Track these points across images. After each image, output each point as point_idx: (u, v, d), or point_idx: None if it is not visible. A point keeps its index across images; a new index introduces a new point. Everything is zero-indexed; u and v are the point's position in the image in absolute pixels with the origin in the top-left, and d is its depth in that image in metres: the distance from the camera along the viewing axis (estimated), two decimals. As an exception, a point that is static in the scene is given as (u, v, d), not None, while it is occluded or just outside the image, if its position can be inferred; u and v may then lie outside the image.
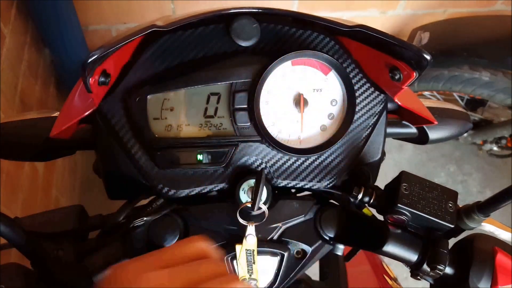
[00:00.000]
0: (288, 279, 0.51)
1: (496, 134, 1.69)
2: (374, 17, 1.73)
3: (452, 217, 0.44)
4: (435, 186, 0.46)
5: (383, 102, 0.53)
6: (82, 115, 0.49)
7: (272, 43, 0.51)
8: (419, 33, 1.50)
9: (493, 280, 0.42)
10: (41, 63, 1.49)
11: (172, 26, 0.43)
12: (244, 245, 0.48)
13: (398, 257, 0.46)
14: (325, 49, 0.52)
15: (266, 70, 0.49)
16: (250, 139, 0.51)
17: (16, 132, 0.54)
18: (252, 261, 0.48)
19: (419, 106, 0.57)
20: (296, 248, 0.52)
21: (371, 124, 0.53)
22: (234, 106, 0.49)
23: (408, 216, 0.45)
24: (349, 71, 0.52)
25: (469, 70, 1.39)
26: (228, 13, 0.45)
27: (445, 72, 1.42)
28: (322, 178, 0.53)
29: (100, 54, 0.39)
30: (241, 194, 0.50)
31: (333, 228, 0.52)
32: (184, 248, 0.31)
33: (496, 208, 0.42)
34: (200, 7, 0.48)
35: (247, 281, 0.49)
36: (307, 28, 0.51)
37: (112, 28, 1.61)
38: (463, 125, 0.61)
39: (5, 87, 1.17)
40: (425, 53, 0.42)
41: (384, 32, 0.43)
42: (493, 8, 1.78)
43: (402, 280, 1.54)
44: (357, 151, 0.53)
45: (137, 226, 0.50)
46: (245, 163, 0.52)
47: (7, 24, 1.21)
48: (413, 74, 0.44)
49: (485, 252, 0.44)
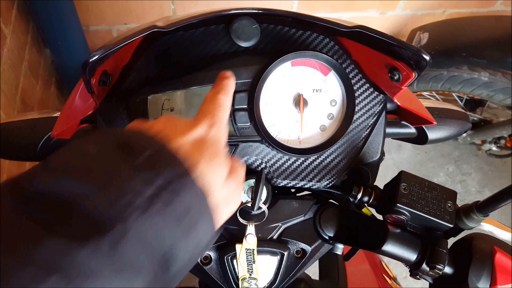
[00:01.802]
0: (288, 278, 0.52)
1: (495, 134, 1.69)
2: (374, 17, 1.74)
3: (451, 217, 0.44)
4: (434, 186, 0.46)
5: (383, 102, 0.54)
6: (83, 115, 0.50)
7: (272, 43, 0.51)
8: (418, 34, 1.50)
9: (492, 279, 0.42)
10: (42, 63, 1.50)
11: (173, 27, 0.43)
12: (244, 244, 0.48)
13: (398, 256, 0.46)
14: (324, 49, 0.52)
15: (266, 71, 0.49)
16: (250, 139, 0.51)
17: (17, 132, 0.54)
18: (252, 261, 0.49)
19: (418, 107, 0.57)
20: (296, 248, 0.52)
21: (371, 124, 0.54)
22: (234, 107, 0.50)
23: (407, 215, 0.45)
24: (348, 72, 0.52)
25: (468, 71, 1.39)
26: (228, 14, 0.45)
27: (444, 72, 1.42)
28: (322, 178, 0.53)
29: (100, 54, 0.39)
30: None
31: (332, 228, 0.52)
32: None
33: (495, 208, 0.42)
34: (201, 8, 0.48)
35: (247, 280, 0.49)
36: (306, 28, 0.51)
37: (113, 28, 1.61)
38: (462, 125, 0.62)
39: (6, 87, 1.17)
40: (424, 54, 0.42)
41: (384, 32, 0.43)
42: (493, 8, 1.78)
43: (402, 280, 1.55)
44: (356, 151, 0.54)
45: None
46: (245, 163, 0.52)
47: (8, 24, 1.21)
48: (412, 75, 0.45)
49: (484, 251, 0.44)
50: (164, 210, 0.26)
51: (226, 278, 0.51)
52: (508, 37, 1.35)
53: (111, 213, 0.24)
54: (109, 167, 0.26)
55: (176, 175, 0.28)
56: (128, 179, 0.26)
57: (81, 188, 0.25)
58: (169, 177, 0.27)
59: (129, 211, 0.25)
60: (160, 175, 0.27)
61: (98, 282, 0.23)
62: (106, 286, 0.23)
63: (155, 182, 0.26)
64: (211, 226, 0.31)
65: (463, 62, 1.39)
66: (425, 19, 1.73)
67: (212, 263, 0.51)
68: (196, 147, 0.32)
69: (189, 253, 0.29)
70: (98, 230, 0.23)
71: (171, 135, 0.31)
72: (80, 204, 0.24)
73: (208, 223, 0.30)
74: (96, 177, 0.26)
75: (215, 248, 0.51)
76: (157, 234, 0.26)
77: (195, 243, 0.29)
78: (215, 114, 0.35)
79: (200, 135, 0.33)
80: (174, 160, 0.29)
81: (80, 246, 0.22)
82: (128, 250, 0.24)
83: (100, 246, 0.23)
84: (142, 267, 0.25)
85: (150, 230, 0.26)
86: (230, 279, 0.50)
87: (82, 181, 0.25)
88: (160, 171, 0.27)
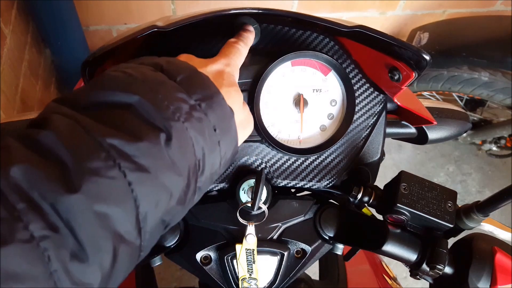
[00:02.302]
0: (288, 278, 0.52)
1: (495, 134, 1.69)
2: (374, 17, 1.74)
3: (451, 217, 0.44)
4: (435, 186, 0.46)
5: (383, 102, 0.54)
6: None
7: (272, 43, 0.51)
8: (418, 34, 1.50)
9: (492, 279, 0.42)
10: (42, 63, 1.49)
11: (173, 27, 0.43)
12: (244, 244, 0.48)
13: (398, 256, 0.46)
14: (324, 49, 0.52)
15: (266, 71, 0.49)
16: (250, 139, 0.51)
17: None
18: (252, 261, 0.49)
19: (418, 106, 0.57)
20: (296, 248, 0.52)
21: (371, 124, 0.54)
22: (234, 106, 0.50)
23: (408, 215, 0.45)
24: (348, 72, 0.52)
25: (468, 70, 1.39)
26: (229, 13, 0.45)
27: (445, 72, 1.42)
28: (322, 178, 0.53)
29: (99, 53, 0.39)
30: (241, 194, 0.50)
31: (332, 228, 0.52)
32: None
33: (495, 208, 0.42)
34: (201, 8, 0.48)
35: (247, 280, 0.49)
36: (306, 28, 0.51)
37: (113, 28, 1.61)
38: (462, 125, 0.62)
39: (5, 87, 1.17)
40: (425, 54, 0.42)
41: (384, 32, 0.43)
42: (493, 8, 1.78)
43: (402, 280, 1.54)
44: (356, 151, 0.53)
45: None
46: (245, 163, 0.52)
47: (8, 24, 1.21)
48: (413, 75, 0.45)
49: (484, 251, 0.44)
50: (200, 121, 0.30)
51: (226, 278, 0.51)
52: (508, 37, 1.34)
53: (163, 116, 0.28)
54: (156, 82, 0.30)
55: (209, 93, 0.32)
56: (174, 91, 0.30)
57: (134, 98, 0.28)
58: (203, 94, 0.32)
59: (177, 116, 0.29)
60: (196, 92, 0.31)
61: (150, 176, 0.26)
62: (154, 179, 0.26)
63: (194, 96, 0.31)
64: (234, 142, 0.35)
65: (463, 62, 1.39)
66: (425, 19, 1.73)
67: (212, 263, 0.51)
68: (217, 76, 0.36)
69: (213, 167, 0.33)
70: (153, 130, 0.27)
71: (196, 65, 0.35)
72: (136, 109, 0.27)
73: (232, 139, 0.34)
74: (146, 89, 0.29)
75: (215, 248, 0.51)
76: (196, 142, 0.30)
77: (219, 158, 0.33)
78: (231, 57, 0.40)
79: (218, 68, 0.38)
80: (206, 82, 0.33)
81: (139, 141, 0.26)
82: (174, 151, 0.28)
83: (155, 144, 0.27)
84: (183, 170, 0.29)
85: (190, 138, 0.29)
86: (230, 279, 0.50)
87: (133, 92, 0.28)
88: (196, 89, 0.31)
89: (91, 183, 0.23)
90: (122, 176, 0.25)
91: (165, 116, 0.28)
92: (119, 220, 0.25)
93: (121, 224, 0.25)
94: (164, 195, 0.27)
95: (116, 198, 0.24)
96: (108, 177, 0.24)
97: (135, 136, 0.26)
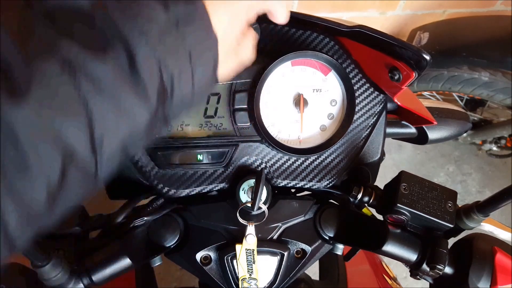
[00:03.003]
0: (288, 278, 0.51)
1: (495, 134, 1.69)
2: (374, 17, 1.73)
3: (452, 217, 0.44)
4: (435, 186, 0.46)
5: (383, 102, 0.54)
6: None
7: (272, 43, 0.51)
8: (418, 34, 1.50)
9: (492, 279, 0.42)
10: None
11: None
12: (244, 244, 0.48)
13: (398, 256, 0.46)
14: (324, 49, 0.52)
15: (266, 71, 0.49)
16: (250, 139, 0.51)
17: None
18: (252, 261, 0.48)
19: (418, 106, 0.57)
20: (296, 248, 0.52)
21: (371, 124, 0.53)
22: (234, 106, 0.50)
23: (408, 216, 0.45)
24: (348, 72, 0.52)
25: (469, 70, 1.39)
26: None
27: (445, 72, 1.42)
28: (322, 178, 0.53)
29: None
30: (241, 194, 0.50)
31: (332, 228, 0.52)
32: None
33: (496, 208, 0.42)
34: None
35: (247, 280, 0.49)
36: (307, 28, 0.51)
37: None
38: (462, 125, 0.62)
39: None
40: (425, 53, 0.42)
41: (384, 32, 0.43)
42: (493, 8, 1.78)
43: (402, 280, 1.54)
44: (356, 151, 0.53)
45: (138, 226, 0.50)
46: (245, 163, 0.52)
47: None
48: (413, 74, 0.45)
49: (484, 251, 0.44)
50: (174, 42, 0.27)
51: (226, 278, 0.50)
52: (508, 37, 1.35)
53: (131, 26, 0.24)
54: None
55: (194, 9, 0.28)
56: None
57: (102, 3, 0.24)
58: (185, 11, 0.27)
59: (147, 30, 0.25)
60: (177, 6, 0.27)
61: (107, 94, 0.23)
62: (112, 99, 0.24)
63: (173, 11, 0.27)
64: (211, 73, 0.31)
65: (463, 62, 1.39)
66: (425, 19, 1.73)
67: (212, 263, 0.51)
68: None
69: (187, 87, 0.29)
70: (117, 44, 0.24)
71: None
72: (101, 16, 0.24)
73: (210, 65, 0.30)
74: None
75: (215, 248, 0.51)
76: (163, 65, 0.26)
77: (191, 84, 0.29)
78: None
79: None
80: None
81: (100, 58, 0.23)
82: (138, 71, 0.25)
83: (117, 59, 0.24)
84: (149, 93, 0.26)
85: (161, 52, 0.26)
86: (230, 279, 0.50)
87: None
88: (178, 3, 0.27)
89: (40, 88, 0.21)
90: (77, 87, 0.22)
91: (136, 25, 0.25)
92: (70, 135, 0.22)
93: (72, 140, 0.22)
94: (125, 118, 0.25)
95: (68, 109, 0.22)
96: (61, 83, 0.21)
97: (96, 49, 0.23)
